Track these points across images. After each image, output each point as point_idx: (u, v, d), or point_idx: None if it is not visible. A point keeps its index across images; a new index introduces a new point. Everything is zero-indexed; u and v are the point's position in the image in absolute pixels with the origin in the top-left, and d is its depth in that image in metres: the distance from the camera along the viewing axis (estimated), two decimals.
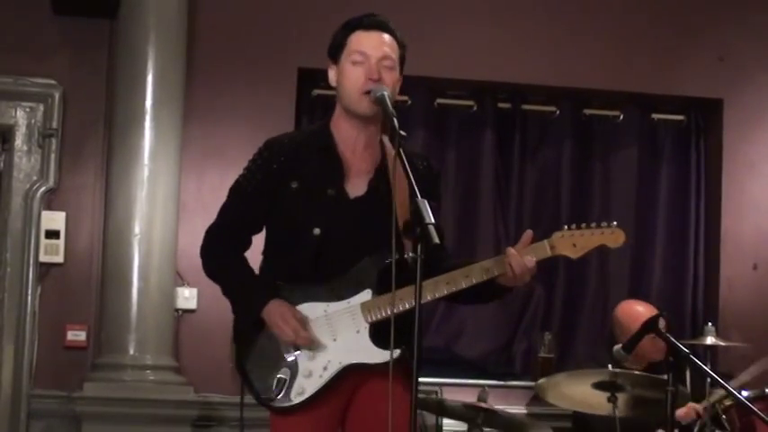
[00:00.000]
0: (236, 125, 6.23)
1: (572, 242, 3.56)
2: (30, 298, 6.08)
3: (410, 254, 3.32)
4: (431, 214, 3.17)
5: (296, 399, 3.51)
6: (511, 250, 3.51)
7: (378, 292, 3.51)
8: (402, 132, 3.33)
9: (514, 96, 6.74)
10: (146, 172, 5.90)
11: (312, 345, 3.52)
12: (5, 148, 6.26)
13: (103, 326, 5.95)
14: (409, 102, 6.49)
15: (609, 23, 6.71)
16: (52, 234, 6.11)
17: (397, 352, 3.38)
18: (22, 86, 6.19)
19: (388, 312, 3.44)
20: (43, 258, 6.11)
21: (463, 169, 6.70)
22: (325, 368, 3.51)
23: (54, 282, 6.13)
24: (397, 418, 3.33)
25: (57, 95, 6.19)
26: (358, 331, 3.51)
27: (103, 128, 6.18)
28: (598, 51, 6.67)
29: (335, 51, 3.60)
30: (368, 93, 3.50)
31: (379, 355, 3.47)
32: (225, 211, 3.70)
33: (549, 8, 6.64)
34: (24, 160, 6.20)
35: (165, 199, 5.93)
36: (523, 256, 3.50)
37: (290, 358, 3.54)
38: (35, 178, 6.17)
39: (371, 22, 3.59)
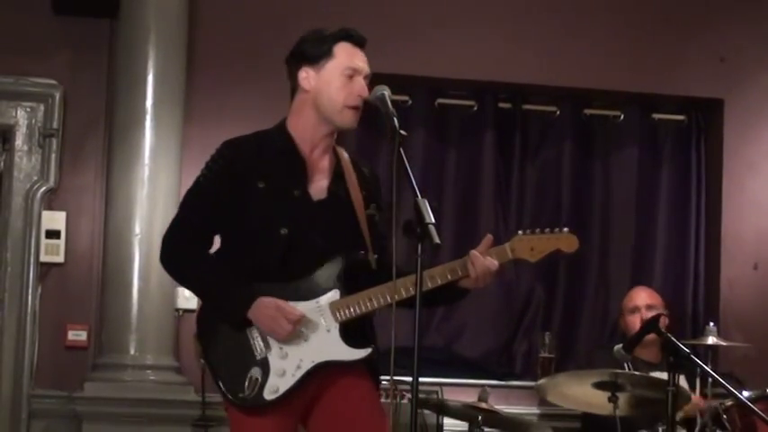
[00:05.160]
0: (236, 125, 6.15)
1: (530, 246, 3.63)
2: (30, 298, 6.08)
3: (373, 255, 3.56)
4: (431, 214, 3.21)
5: (269, 397, 3.52)
6: (474, 252, 3.57)
7: (345, 291, 3.57)
8: (403, 132, 3.37)
9: (515, 96, 6.74)
10: (146, 172, 5.89)
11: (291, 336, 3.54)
12: (6, 148, 6.26)
13: (104, 326, 5.95)
14: (409, 102, 6.49)
15: (609, 24, 6.71)
16: (53, 234, 6.11)
17: (367, 351, 3.55)
18: (22, 86, 6.18)
19: (357, 311, 3.54)
20: (44, 258, 6.11)
21: (463, 169, 6.69)
22: (298, 367, 3.54)
23: (54, 282, 6.12)
24: (367, 415, 3.53)
25: (57, 95, 6.19)
26: (329, 330, 3.56)
27: (104, 128, 6.17)
28: (598, 51, 6.67)
29: (318, 57, 3.64)
30: (353, 107, 3.59)
31: (351, 354, 3.55)
32: (186, 211, 3.70)
33: (549, 8, 6.64)
34: (25, 160, 6.19)
35: (165, 199, 5.91)
36: (485, 258, 3.55)
37: (261, 357, 3.54)
38: (35, 178, 6.17)
39: (360, 39, 3.67)
